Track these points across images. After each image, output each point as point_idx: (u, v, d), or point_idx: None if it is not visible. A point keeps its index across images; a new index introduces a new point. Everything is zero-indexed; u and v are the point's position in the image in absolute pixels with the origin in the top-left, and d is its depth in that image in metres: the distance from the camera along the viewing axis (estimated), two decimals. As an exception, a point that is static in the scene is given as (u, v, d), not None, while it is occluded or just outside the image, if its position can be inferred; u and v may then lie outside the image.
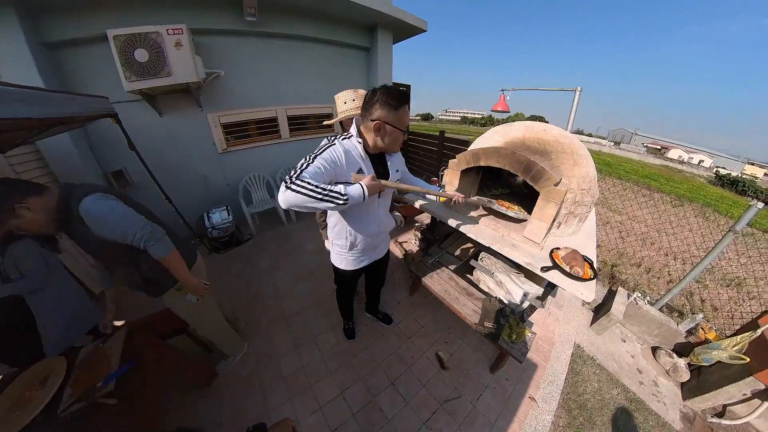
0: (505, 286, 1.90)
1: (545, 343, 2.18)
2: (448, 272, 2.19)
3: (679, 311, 2.84)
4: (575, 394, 1.92)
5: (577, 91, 2.77)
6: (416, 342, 2.13)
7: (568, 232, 1.78)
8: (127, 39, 2.24)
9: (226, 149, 3.49)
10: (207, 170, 3.44)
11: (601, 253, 3.86)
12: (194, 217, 3.14)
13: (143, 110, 2.78)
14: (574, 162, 1.66)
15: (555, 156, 1.59)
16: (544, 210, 1.39)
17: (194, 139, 3.22)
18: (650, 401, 1.93)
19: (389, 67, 4.45)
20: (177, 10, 2.63)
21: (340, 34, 3.83)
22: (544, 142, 1.64)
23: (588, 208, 1.79)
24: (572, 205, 1.65)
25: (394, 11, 3.67)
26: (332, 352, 2.02)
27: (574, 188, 1.63)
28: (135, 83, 2.37)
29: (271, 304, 2.47)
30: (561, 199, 1.32)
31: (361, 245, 1.39)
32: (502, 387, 1.86)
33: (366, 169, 1.15)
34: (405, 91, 1.10)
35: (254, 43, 3.25)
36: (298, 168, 0.98)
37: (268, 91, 3.58)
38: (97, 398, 1.06)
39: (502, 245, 1.51)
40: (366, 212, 1.29)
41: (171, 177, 2.95)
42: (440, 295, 2.03)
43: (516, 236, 1.59)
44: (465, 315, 1.86)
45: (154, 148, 2.85)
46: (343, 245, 1.38)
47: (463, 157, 1.66)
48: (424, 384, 1.85)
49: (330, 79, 4.08)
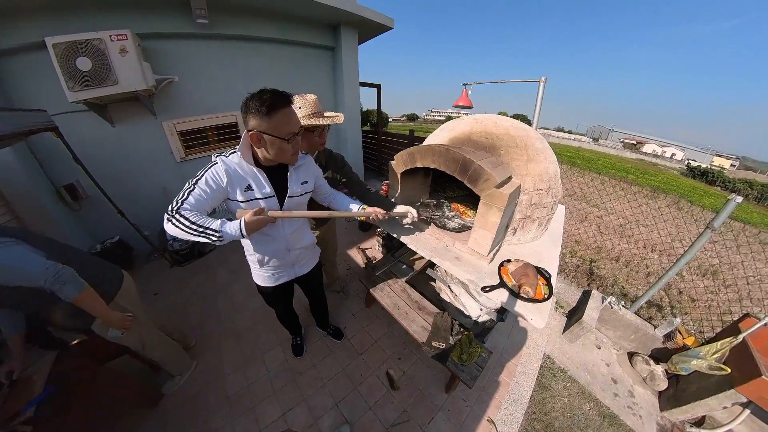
0: (460, 299, 1.68)
1: (510, 356, 1.98)
2: (401, 284, 1.96)
3: (657, 305, 2.72)
4: (542, 412, 1.74)
5: (542, 81, 2.58)
6: (367, 359, 1.96)
7: (528, 239, 1.57)
8: (67, 47, 2.13)
9: (185, 158, 3.31)
10: (166, 181, 3.24)
11: (579, 250, 3.76)
12: (155, 230, 3.01)
13: (93, 121, 2.61)
14: (529, 157, 1.44)
15: (505, 151, 1.37)
16: (486, 217, 1.16)
17: (150, 148, 3.06)
18: (625, 415, 1.79)
19: (355, 67, 4.27)
20: (121, 15, 2.48)
21: (302, 34, 3.67)
22: (492, 135, 1.41)
23: (549, 210, 1.58)
24: (528, 208, 1.44)
25: (357, 8, 3.50)
26: (279, 369, 1.92)
27: (529, 188, 1.42)
28: (79, 93, 2.26)
29: (225, 318, 2.37)
30: (504, 204, 1.08)
31: (272, 262, 1.31)
32: (458, 408, 1.67)
33: (256, 185, 1.07)
34: (281, 93, 0.88)
35: (208, 47, 3.10)
36: (179, 197, 0.98)
37: (227, 96, 3.40)
38: (14, 426, 1.06)
39: (443, 258, 1.28)
40: (266, 233, 1.17)
41: (127, 189, 2.87)
42: (389, 309, 1.81)
43: (461, 247, 1.36)
44: (413, 332, 1.64)
45: (107, 160, 2.73)
46: (254, 261, 1.31)
47: (400, 158, 1.42)
48: (370, 406, 1.68)
49: (293, 80, 3.90)
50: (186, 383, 1.82)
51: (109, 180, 2.33)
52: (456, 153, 1.13)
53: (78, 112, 2.49)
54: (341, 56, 4.03)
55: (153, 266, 3.11)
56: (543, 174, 1.47)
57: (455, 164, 1.15)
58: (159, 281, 2.84)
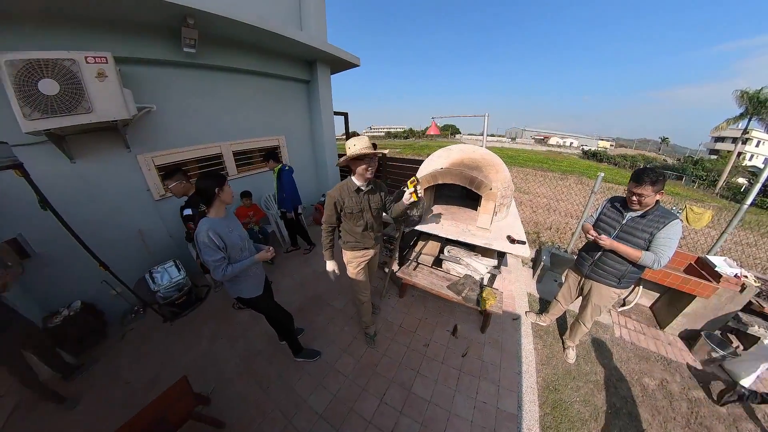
0: (471, 265, 2.57)
1: (509, 299, 2.94)
2: (427, 269, 2.77)
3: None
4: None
5: (486, 116, 3.80)
6: (420, 332, 2.55)
7: (502, 217, 2.57)
8: (26, 66, 1.78)
9: (164, 195, 2.95)
10: (141, 222, 2.86)
11: (525, 227, 5.11)
12: (132, 282, 2.59)
13: (47, 156, 2.20)
14: (497, 171, 2.46)
15: (485, 169, 2.36)
16: (486, 206, 2.11)
17: (122, 186, 2.67)
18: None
19: (329, 99, 4.71)
20: (102, 35, 2.29)
21: (282, 68, 3.91)
22: (475, 160, 2.41)
23: (510, 198, 2.62)
24: (501, 199, 2.44)
25: (330, 48, 3.97)
26: (356, 370, 2.18)
27: (500, 187, 2.42)
28: (38, 122, 1.88)
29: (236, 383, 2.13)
30: (495, 198, 2.04)
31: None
32: (493, 339, 2.48)
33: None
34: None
35: (192, 75, 3.01)
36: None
37: (210, 126, 3.31)
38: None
39: (466, 237, 2.17)
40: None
41: (92, 237, 2.19)
42: (427, 287, 2.57)
43: (472, 227, 2.28)
44: (451, 296, 2.44)
45: (65, 202, 2.14)
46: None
47: (425, 179, 2.30)
48: (442, 361, 2.26)
49: (272, 111, 4.11)
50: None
51: (71, 225, 1.96)
52: (467, 173, 2.05)
53: (30, 145, 2.08)
54: (318, 89, 4.43)
55: (140, 327, 2.66)
56: (504, 179, 2.49)
57: (466, 179, 2.07)
58: (154, 345, 2.46)
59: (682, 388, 2.14)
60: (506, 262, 3.56)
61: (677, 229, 1.61)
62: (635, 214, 1.73)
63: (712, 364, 2.30)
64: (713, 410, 2.00)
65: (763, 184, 2.46)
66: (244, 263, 1.64)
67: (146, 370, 2.23)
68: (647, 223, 1.67)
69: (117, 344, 2.50)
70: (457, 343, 2.43)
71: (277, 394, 2.03)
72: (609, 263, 1.86)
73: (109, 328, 2.64)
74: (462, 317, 2.70)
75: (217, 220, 1.59)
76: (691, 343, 2.47)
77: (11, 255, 2.03)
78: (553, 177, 7.62)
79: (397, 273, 2.79)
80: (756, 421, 1.94)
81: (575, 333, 2.26)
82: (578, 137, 72.28)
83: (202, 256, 1.53)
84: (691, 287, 2.39)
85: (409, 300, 2.97)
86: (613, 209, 1.85)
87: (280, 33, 3.15)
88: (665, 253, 1.61)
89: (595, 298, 2.01)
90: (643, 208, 1.68)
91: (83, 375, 2.19)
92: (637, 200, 1.65)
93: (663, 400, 2.05)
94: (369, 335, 2.38)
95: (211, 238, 1.49)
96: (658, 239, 1.63)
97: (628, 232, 1.74)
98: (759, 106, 17.08)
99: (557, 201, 6.52)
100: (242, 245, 1.70)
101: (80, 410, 1.97)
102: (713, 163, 27.99)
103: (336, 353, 2.33)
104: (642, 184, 1.59)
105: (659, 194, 1.62)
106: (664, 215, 1.64)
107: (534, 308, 2.88)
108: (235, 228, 1.70)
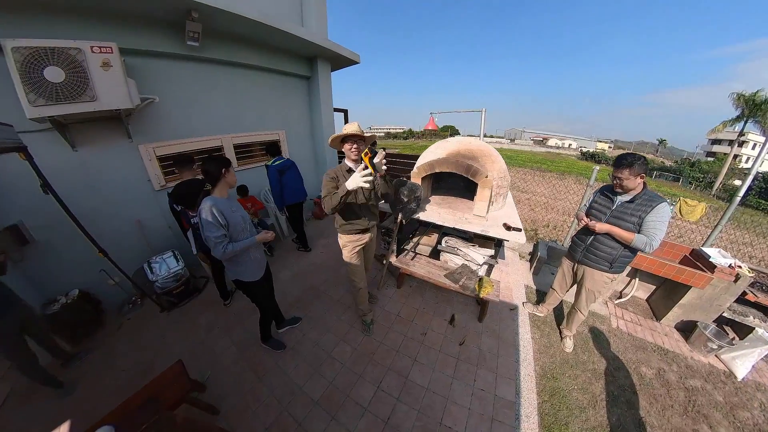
0: (469, 254, 2.59)
1: (507, 290, 2.95)
2: (425, 259, 2.78)
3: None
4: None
5: (483, 111, 3.84)
6: (418, 321, 2.56)
7: (499, 207, 2.59)
8: (33, 53, 1.84)
9: (164, 185, 2.95)
10: (140, 212, 2.88)
11: (522, 225, 5.14)
12: (131, 271, 2.59)
13: (50, 143, 2.24)
14: (492, 161, 2.48)
15: (481, 159, 2.38)
16: (482, 194, 2.13)
17: (122, 175, 2.69)
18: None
19: (329, 95, 4.75)
20: (108, 27, 2.35)
21: (283, 63, 3.98)
22: (472, 151, 2.43)
23: (506, 189, 2.64)
24: (497, 188, 2.46)
25: (330, 45, 4.01)
26: (353, 357, 2.18)
27: (495, 177, 2.44)
28: (42, 108, 1.92)
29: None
30: (491, 185, 2.06)
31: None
32: (491, 328, 2.47)
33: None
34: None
35: (194, 68, 3.07)
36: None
37: (211, 119, 3.34)
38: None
39: (462, 224, 2.19)
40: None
41: (92, 224, 2.23)
42: (425, 276, 2.58)
43: (468, 216, 2.30)
44: (449, 285, 2.45)
45: (66, 190, 2.15)
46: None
47: (422, 168, 2.32)
48: (439, 348, 2.26)
49: (274, 106, 4.15)
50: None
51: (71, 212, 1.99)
52: (463, 162, 2.08)
53: (35, 132, 2.13)
54: (318, 85, 4.49)
55: (137, 317, 2.67)
56: (500, 169, 2.52)
57: (462, 168, 2.09)
58: (151, 334, 2.46)
59: (679, 377, 2.15)
60: (503, 255, 3.57)
61: (665, 211, 1.64)
62: (624, 199, 1.78)
63: (709, 354, 2.31)
64: (710, 399, 2.00)
65: (761, 186, 2.50)
66: (245, 242, 1.66)
67: (142, 358, 2.23)
68: (635, 207, 1.72)
69: (114, 334, 2.49)
70: (455, 332, 2.43)
71: (273, 381, 2.02)
72: (600, 248, 1.89)
73: (106, 317, 2.64)
74: (459, 307, 2.70)
75: (220, 198, 1.63)
76: (687, 335, 2.47)
77: (8, 240, 2.06)
78: (551, 177, 7.65)
79: (395, 262, 2.80)
80: (752, 409, 1.95)
81: (572, 322, 2.27)
82: (577, 139, 72.87)
83: (203, 232, 1.55)
84: (686, 278, 2.40)
85: (407, 290, 2.97)
86: (603, 196, 1.93)
87: (281, 28, 3.20)
88: (656, 235, 1.64)
89: (588, 282, 2.03)
90: (627, 191, 1.74)
91: (79, 363, 2.18)
92: (618, 183, 1.74)
93: (660, 389, 2.05)
94: (366, 323, 2.39)
95: (213, 215, 1.53)
96: (647, 222, 1.67)
97: (618, 217, 1.79)
98: (755, 108, 17.24)
99: (555, 200, 6.53)
100: (244, 226, 1.73)
101: (76, 397, 1.96)
102: (710, 165, 28.16)
103: (333, 341, 2.33)
104: (619, 167, 1.69)
105: (640, 177, 1.68)
106: (651, 199, 1.69)
107: (531, 299, 2.89)
108: (237, 209, 1.74)
